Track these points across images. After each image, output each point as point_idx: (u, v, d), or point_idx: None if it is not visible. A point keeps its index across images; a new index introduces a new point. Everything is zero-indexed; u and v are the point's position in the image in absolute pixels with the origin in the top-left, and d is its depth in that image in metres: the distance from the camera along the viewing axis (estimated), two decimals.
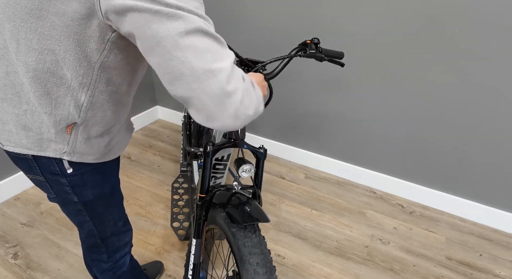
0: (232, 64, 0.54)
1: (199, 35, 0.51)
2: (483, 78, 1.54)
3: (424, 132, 1.78)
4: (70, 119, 0.68)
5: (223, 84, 0.51)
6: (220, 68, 0.52)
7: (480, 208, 1.80)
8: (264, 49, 2.01)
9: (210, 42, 0.52)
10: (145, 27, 0.51)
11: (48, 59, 0.61)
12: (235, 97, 0.53)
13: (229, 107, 0.53)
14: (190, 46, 0.50)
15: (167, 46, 0.50)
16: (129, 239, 1.02)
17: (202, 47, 0.51)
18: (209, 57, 0.51)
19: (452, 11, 1.48)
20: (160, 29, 0.50)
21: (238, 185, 0.98)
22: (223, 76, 0.52)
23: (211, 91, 0.51)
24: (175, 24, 0.50)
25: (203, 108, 0.53)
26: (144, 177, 2.04)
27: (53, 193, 0.80)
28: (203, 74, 0.51)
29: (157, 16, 0.50)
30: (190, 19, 0.51)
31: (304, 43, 1.05)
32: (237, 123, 0.55)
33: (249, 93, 0.56)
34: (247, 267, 0.78)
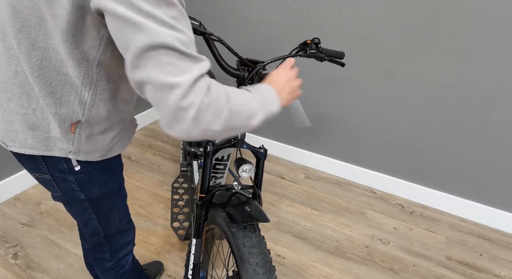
0: (194, 78, 0.54)
1: (163, 49, 0.52)
2: (483, 78, 1.54)
3: (424, 132, 1.78)
4: (74, 117, 0.69)
5: (178, 99, 0.52)
6: (178, 82, 0.52)
7: (480, 208, 1.80)
8: (264, 49, 2.01)
9: (176, 57, 0.53)
10: (118, 30, 0.52)
11: (53, 57, 0.62)
12: (190, 111, 0.53)
13: (182, 121, 0.54)
14: (152, 59, 0.52)
15: (133, 55, 0.52)
16: (132, 237, 1.02)
17: (164, 61, 0.52)
18: (169, 70, 0.52)
19: (452, 9, 1.47)
20: (128, 37, 0.52)
21: (238, 185, 0.98)
22: (179, 91, 0.52)
23: (167, 103, 0.53)
24: (141, 36, 0.51)
25: (162, 116, 0.55)
26: (144, 177, 2.04)
27: (60, 191, 0.80)
28: (160, 87, 0.52)
29: (127, 24, 0.51)
30: (157, 33, 0.51)
31: (304, 43, 1.05)
32: (194, 136, 0.56)
33: (213, 107, 0.56)
34: (247, 267, 0.78)
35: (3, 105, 0.70)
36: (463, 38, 1.50)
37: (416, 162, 1.88)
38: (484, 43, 1.48)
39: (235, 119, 0.60)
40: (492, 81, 1.53)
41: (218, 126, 0.57)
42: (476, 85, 1.57)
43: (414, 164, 1.89)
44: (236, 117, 0.60)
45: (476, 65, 1.53)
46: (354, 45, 1.75)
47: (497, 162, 1.67)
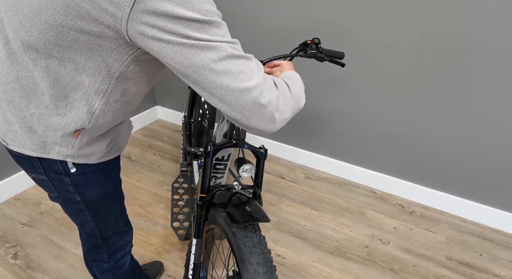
0: (263, 77, 0.60)
1: (231, 59, 0.56)
2: (483, 78, 1.54)
3: (425, 132, 1.78)
4: (80, 124, 0.68)
5: (258, 99, 0.58)
6: (254, 85, 0.57)
7: (480, 208, 1.80)
8: (265, 49, 2.01)
9: (242, 63, 0.57)
10: (180, 57, 0.55)
11: (69, 66, 0.61)
12: (270, 107, 0.60)
13: (265, 117, 0.60)
14: (225, 71, 0.56)
15: (204, 73, 0.55)
16: (130, 238, 1.02)
17: (236, 69, 0.56)
18: (242, 77, 0.57)
19: (452, 10, 1.48)
20: (196, 59, 0.54)
21: (239, 185, 0.98)
22: (257, 92, 0.58)
23: (248, 106, 0.58)
24: (209, 54, 0.54)
25: (243, 119, 0.60)
26: (144, 177, 2.04)
27: (56, 192, 0.80)
28: (239, 93, 0.57)
29: (191, 48, 0.54)
30: (221, 48, 0.55)
31: (304, 43, 1.05)
32: (276, 128, 0.63)
33: (284, 98, 0.63)
34: (248, 266, 0.78)
35: (3, 107, 0.70)
36: (463, 38, 1.50)
37: (416, 162, 1.88)
38: (485, 43, 1.48)
39: (296, 103, 0.68)
40: (492, 81, 1.53)
41: (289, 113, 0.65)
42: (476, 85, 1.57)
43: (414, 164, 1.89)
44: (297, 101, 0.69)
45: (476, 65, 1.53)
46: (354, 45, 1.75)
47: (497, 162, 1.67)
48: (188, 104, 1.94)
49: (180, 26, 0.52)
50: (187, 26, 0.53)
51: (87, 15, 0.53)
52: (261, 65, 0.63)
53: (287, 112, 0.64)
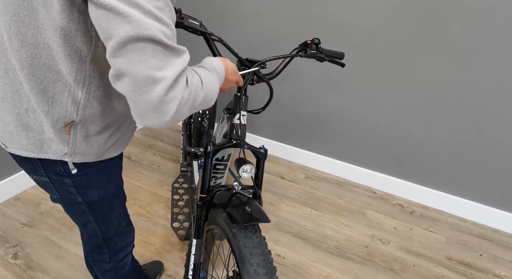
0: (177, 73, 0.54)
1: (149, 42, 0.51)
2: (483, 78, 1.54)
3: (424, 132, 1.78)
4: (68, 118, 0.67)
5: (162, 94, 0.52)
6: (163, 77, 0.52)
7: (480, 208, 1.80)
8: (265, 50, 2.01)
9: (160, 50, 0.52)
10: (102, 19, 0.50)
11: (44, 54, 0.60)
12: (172, 106, 0.54)
13: (165, 115, 0.55)
14: (136, 50, 0.50)
15: (116, 44, 0.50)
16: (131, 239, 1.02)
17: (149, 53, 0.51)
18: (154, 64, 0.51)
19: (452, 10, 1.47)
20: (113, 26, 0.50)
21: (239, 185, 0.98)
22: (163, 86, 0.52)
23: (149, 98, 0.52)
24: (127, 27, 0.49)
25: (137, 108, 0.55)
26: (144, 177, 2.04)
27: (57, 193, 0.80)
28: (143, 80, 0.51)
29: (113, 13, 0.49)
30: (143, 25, 0.50)
31: (304, 43, 1.05)
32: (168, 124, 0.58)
33: (191, 99, 0.58)
34: (248, 267, 0.78)
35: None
36: (463, 38, 1.50)
37: (416, 162, 1.88)
38: (484, 43, 1.48)
39: (206, 102, 0.64)
40: (492, 82, 1.53)
41: (190, 113, 0.60)
42: (477, 85, 1.57)
43: (414, 164, 1.89)
44: (207, 100, 0.64)
45: (476, 65, 1.53)
46: (354, 46, 1.75)
47: (497, 162, 1.67)
48: None
49: None
50: None
51: None
52: (187, 61, 0.57)
53: (188, 113, 0.59)
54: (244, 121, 0.97)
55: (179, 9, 0.84)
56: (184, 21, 0.84)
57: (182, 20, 0.84)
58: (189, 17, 0.86)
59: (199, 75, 0.63)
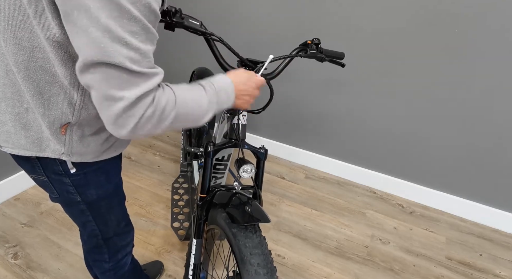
0: (139, 94, 0.55)
1: (112, 67, 0.53)
2: (484, 77, 1.54)
3: (424, 132, 1.78)
4: (64, 119, 0.67)
5: (120, 112, 0.55)
6: (122, 97, 0.54)
7: (480, 208, 1.80)
8: (265, 50, 2.01)
9: (124, 74, 0.54)
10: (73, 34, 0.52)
11: (40, 57, 0.60)
12: (131, 122, 0.56)
13: (121, 128, 0.57)
14: (100, 72, 0.53)
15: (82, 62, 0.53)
16: (131, 239, 1.02)
17: (111, 75, 0.53)
18: (115, 84, 0.54)
19: (452, 10, 1.47)
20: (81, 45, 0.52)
21: (239, 185, 0.98)
22: (121, 105, 0.54)
23: (109, 112, 0.55)
24: (93, 51, 0.51)
25: (103, 120, 0.58)
26: (144, 177, 2.04)
27: (56, 193, 0.80)
28: (104, 98, 0.54)
29: (83, 33, 0.51)
30: (109, 52, 0.51)
31: (304, 43, 1.05)
32: (128, 137, 0.59)
33: (156, 117, 0.59)
34: (248, 267, 0.78)
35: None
36: (463, 39, 1.50)
37: (416, 162, 1.88)
38: (484, 43, 1.48)
39: (180, 121, 0.64)
40: (492, 82, 1.53)
41: (158, 131, 0.61)
42: (476, 85, 1.57)
43: (414, 164, 1.89)
44: (182, 120, 0.64)
45: (476, 65, 1.53)
46: (354, 46, 1.75)
47: (497, 162, 1.67)
48: None
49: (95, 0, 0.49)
50: (101, 4, 0.49)
51: None
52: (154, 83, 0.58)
53: (155, 130, 0.61)
54: (244, 121, 0.98)
55: (179, 9, 0.84)
56: (184, 21, 0.84)
57: (183, 20, 0.84)
58: (189, 17, 0.86)
59: (174, 94, 0.62)
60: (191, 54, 2.31)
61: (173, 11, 0.82)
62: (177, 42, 2.32)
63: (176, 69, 2.43)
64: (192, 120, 0.66)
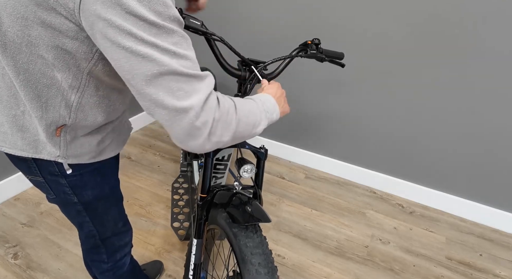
0: (204, 98, 0.57)
1: (172, 75, 0.54)
2: (484, 79, 1.54)
3: (424, 132, 1.78)
4: (60, 121, 0.67)
5: (193, 120, 0.56)
6: (191, 105, 0.55)
7: (480, 208, 1.80)
8: (265, 50, 2.01)
9: (184, 80, 0.55)
10: (122, 60, 0.53)
11: (39, 62, 0.60)
12: (204, 129, 0.58)
13: (197, 138, 0.58)
14: (162, 85, 0.54)
15: (141, 83, 0.53)
16: (129, 239, 1.02)
17: (174, 86, 0.54)
18: (180, 95, 0.55)
19: (452, 11, 1.48)
20: (135, 66, 0.52)
21: (239, 185, 0.98)
22: (193, 113, 0.55)
23: (182, 125, 0.56)
24: (148, 66, 0.52)
25: (175, 136, 0.58)
26: (144, 177, 2.04)
27: (53, 194, 0.80)
28: (174, 111, 0.55)
29: (133, 55, 0.52)
30: (163, 62, 0.52)
31: (304, 43, 1.05)
32: (207, 149, 0.61)
33: (225, 121, 0.61)
34: (249, 267, 0.78)
35: None
36: (463, 40, 1.50)
37: (416, 162, 1.88)
38: (484, 45, 1.48)
39: (242, 128, 0.65)
40: (492, 82, 1.53)
41: (227, 137, 0.62)
42: (476, 86, 1.57)
43: (414, 164, 1.89)
44: (243, 126, 0.66)
45: (476, 65, 1.53)
46: (354, 46, 1.75)
47: (497, 162, 1.67)
48: None
49: (128, 22, 0.50)
50: (135, 23, 0.50)
51: (45, 4, 0.53)
52: (212, 83, 0.60)
53: (225, 136, 0.62)
54: None
55: (179, 9, 0.84)
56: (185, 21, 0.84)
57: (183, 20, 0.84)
58: (190, 17, 0.86)
59: (232, 100, 0.65)
60: None
61: None
62: None
63: None
64: (252, 126, 0.68)
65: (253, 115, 0.69)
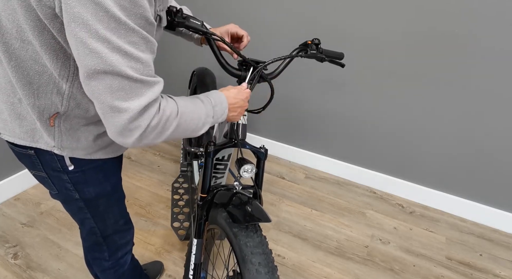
0: (144, 104, 0.57)
1: (116, 76, 0.53)
2: (484, 77, 1.54)
3: (424, 132, 1.78)
4: (53, 109, 0.67)
5: (125, 123, 0.56)
6: (127, 108, 0.55)
7: (480, 208, 1.80)
8: (265, 50, 2.01)
9: (127, 83, 0.55)
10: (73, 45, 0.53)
11: (30, 48, 0.61)
12: (136, 132, 0.58)
13: (126, 138, 0.59)
14: (103, 82, 0.54)
15: (84, 73, 0.54)
16: (131, 237, 1.02)
17: (116, 85, 0.54)
18: (120, 95, 0.55)
19: (451, 10, 1.48)
20: (82, 56, 0.53)
21: (239, 185, 0.98)
22: (127, 116, 0.56)
23: (114, 123, 0.57)
24: (94, 61, 0.52)
25: (107, 129, 0.59)
26: (144, 177, 2.04)
27: (55, 189, 0.81)
28: (109, 109, 0.55)
29: (82, 45, 0.52)
30: (109, 61, 0.52)
31: (304, 43, 1.05)
32: (134, 146, 0.62)
33: (159, 128, 0.61)
34: (249, 267, 0.78)
35: None
36: (462, 39, 1.50)
37: (416, 162, 1.88)
38: (483, 44, 1.48)
39: (178, 134, 0.67)
40: (492, 82, 1.53)
41: (159, 140, 0.64)
42: (476, 86, 1.57)
43: (414, 164, 1.89)
44: (180, 132, 0.67)
45: (476, 65, 1.54)
46: (354, 46, 1.75)
47: (497, 162, 1.67)
48: None
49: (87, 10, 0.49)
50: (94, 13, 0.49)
51: None
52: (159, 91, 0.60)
53: (157, 139, 0.63)
54: (244, 121, 0.98)
55: (180, 8, 0.84)
56: (185, 21, 0.84)
57: (184, 20, 0.84)
58: (190, 17, 0.86)
59: (177, 105, 0.65)
60: (191, 54, 2.31)
61: (174, 11, 0.82)
62: (177, 42, 2.32)
63: (176, 69, 2.43)
64: (190, 131, 0.69)
65: (196, 120, 0.69)
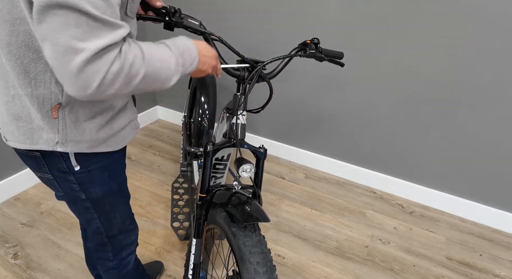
0: (102, 46, 0.51)
1: (73, 11, 0.48)
2: (484, 77, 1.54)
3: (424, 132, 1.78)
4: (53, 99, 0.64)
5: (81, 65, 0.51)
6: (83, 48, 0.50)
7: (480, 208, 1.80)
8: (264, 49, 2.01)
9: (85, 21, 0.49)
10: None
11: (22, 30, 0.58)
12: (94, 77, 0.52)
13: (88, 88, 0.53)
14: (58, 17, 0.48)
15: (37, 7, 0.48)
16: (135, 237, 1.02)
17: (71, 22, 0.49)
18: (75, 34, 0.49)
19: (450, 9, 1.48)
20: None
21: (238, 185, 0.98)
22: (83, 57, 0.50)
23: (69, 69, 0.51)
24: None
25: (61, 80, 0.53)
26: (144, 177, 2.04)
27: (61, 191, 0.80)
28: (63, 50, 0.50)
29: None
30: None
31: (304, 43, 1.05)
32: (93, 97, 0.55)
33: (123, 76, 0.55)
34: (248, 266, 0.78)
35: None
36: (461, 36, 1.50)
37: (416, 162, 1.88)
38: (482, 42, 1.48)
39: (149, 81, 0.60)
40: (492, 82, 1.53)
41: (127, 91, 0.58)
42: (476, 85, 1.57)
43: (414, 164, 1.89)
44: (151, 79, 0.60)
45: (476, 65, 1.53)
46: (354, 46, 1.75)
47: (497, 162, 1.67)
48: (188, 104, 1.94)
49: None
50: None
51: None
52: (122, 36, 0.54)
53: (124, 90, 0.57)
54: (243, 120, 0.98)
55: (178, 9, 0.84)
56: (183, 21, 0.85)
57: (182, 20, 0.84)
58: (188, 17, 0.86)
59: (142, 50, 0.59)
60: None
61: (172, 11, 0.82)
62: None
63: None
64: (161, 81, 0.63)
65: (165, 67, 0.62)
